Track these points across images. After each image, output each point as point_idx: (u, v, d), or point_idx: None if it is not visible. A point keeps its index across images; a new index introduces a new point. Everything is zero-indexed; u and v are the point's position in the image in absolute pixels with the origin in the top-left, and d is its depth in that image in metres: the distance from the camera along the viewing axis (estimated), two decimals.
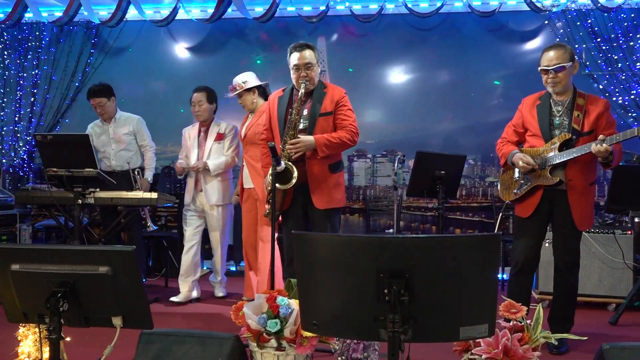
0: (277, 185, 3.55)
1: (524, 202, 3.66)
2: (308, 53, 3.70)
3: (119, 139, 5.28)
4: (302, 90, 3.66)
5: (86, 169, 4.49)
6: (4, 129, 7.02)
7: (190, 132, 5.11)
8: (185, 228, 5.07)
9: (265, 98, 4.69)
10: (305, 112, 3.74)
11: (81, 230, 4.75)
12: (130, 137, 5.32)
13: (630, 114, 6.08)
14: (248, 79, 4.77)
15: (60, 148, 4.52)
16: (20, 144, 6.96)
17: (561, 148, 3.48)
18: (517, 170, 3.62)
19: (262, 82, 4.87)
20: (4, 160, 6.93)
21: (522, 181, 3.64)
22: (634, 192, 4.54)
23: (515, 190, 3.69)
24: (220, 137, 4.98)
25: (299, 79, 3.69)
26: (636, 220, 4.48)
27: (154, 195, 4.68)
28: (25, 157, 6.93)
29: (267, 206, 3.72)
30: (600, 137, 3.30)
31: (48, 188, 4.74)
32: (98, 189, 4.66)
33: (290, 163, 3.60)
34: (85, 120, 5.66)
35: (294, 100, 3.74)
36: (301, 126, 3.72)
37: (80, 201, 4.57)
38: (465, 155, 4.85)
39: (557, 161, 3.46)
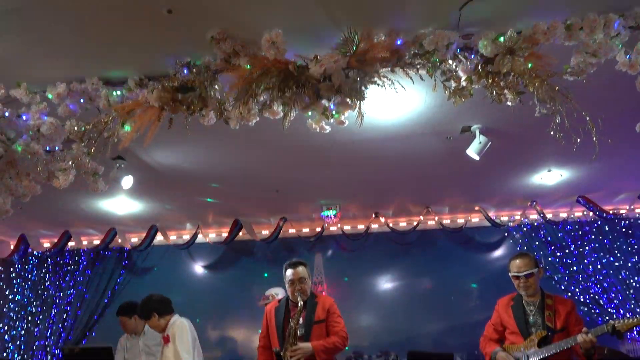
0: None
1: None
2: (301, 269, 3.74)
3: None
4: (300, 302, 3.62)
5: None
6: (36, 343, 6.72)
7: None
8: None
9: None
10: (300, 320, 3.67)
11: None
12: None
13: (593, 311, 5.94)
14: (280, 292, 4.70)
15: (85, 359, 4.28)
16: (48, 358, 6.59)
17: (539, 344, 3.34)
18: None
19: None
20: None
21: None
22: None
23: None
24: (166, 340, 4.20)
25: (295, 292, 3.68)
26: None
27: None
28: None
29: None
30: (585, 329, 3.18)
31: None
32: None
33: None
34: (110, 333, 5.43)
35: (289, 310, 3.71)
36: (299, 333, 3.63)
37: None
38: (452, 354, 4.61)
39: (539, 357, 3.30)
